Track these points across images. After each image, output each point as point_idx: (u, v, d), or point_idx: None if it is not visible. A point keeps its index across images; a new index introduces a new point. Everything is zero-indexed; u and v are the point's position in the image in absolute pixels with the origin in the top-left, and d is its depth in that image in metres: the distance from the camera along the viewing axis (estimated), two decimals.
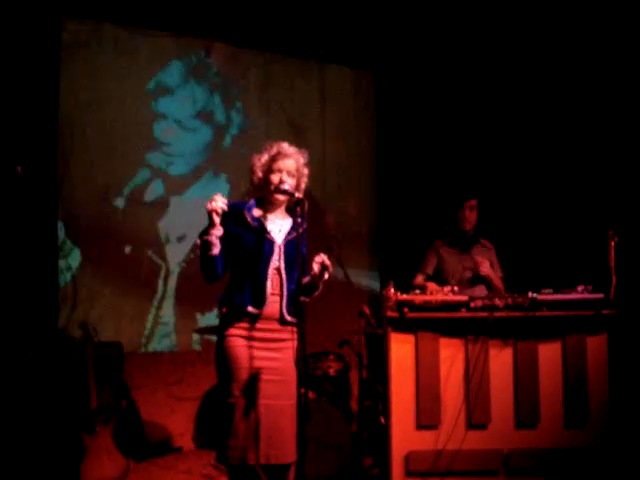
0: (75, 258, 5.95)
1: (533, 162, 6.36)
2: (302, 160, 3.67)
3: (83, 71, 6.06)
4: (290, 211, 3.69)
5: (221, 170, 6.67)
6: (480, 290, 5.02)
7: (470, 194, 5.18)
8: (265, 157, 3.63)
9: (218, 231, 3.43)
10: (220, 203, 3.38)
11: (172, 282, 6.38)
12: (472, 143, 6.83)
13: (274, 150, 3.62)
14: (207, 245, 3.43)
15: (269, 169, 3.60)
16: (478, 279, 5.07)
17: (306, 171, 3.69)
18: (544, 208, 6.18)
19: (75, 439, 4.79)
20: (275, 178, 3.57)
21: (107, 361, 5.53)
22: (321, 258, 3.49)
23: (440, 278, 5.11)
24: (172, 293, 6.37)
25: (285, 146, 3.64)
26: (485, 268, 5.01)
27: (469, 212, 5.13)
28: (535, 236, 6.16)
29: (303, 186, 3.68)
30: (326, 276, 3.53)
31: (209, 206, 3.38)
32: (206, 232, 3.43)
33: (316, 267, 3.49)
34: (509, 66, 6.59)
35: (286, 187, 3.53)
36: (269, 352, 3.48)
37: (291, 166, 3.61)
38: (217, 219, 3.40)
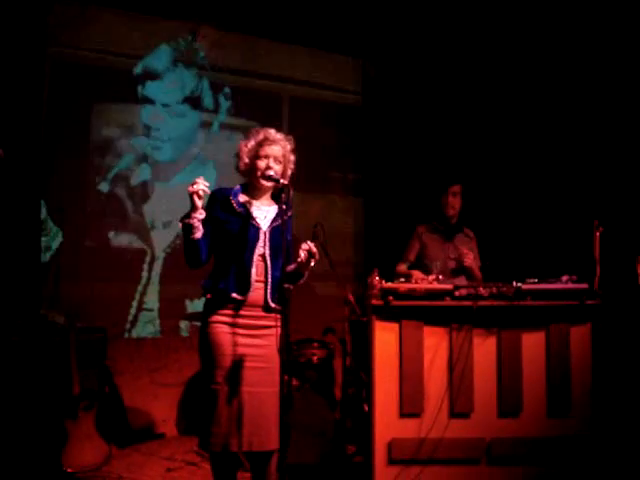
0: (57, 242, 5.90)
1: (519, 151, 6.36)
2: (289, 146, 3.65)
3: (69, 54, 5.99)
4: (275, 198, 3.67)
5: (209, 156, 6.63)
6: (460, 280, 5.02)
7: (454, 179, 5.18)
8: (251, 143, 3.61)
9: (200, 214, 3.40)
10: (202, 186, 3.35)
11: (157, 268, 6.35)
12: (458, 130, 6.82)
13: (260, 136, 3.60)
14: (189, 228, 3.40)
15: (255, 155, 3.58)
16: (460, 270, 5.07)
17: (292, 157, 3.67)
18: (530, 197, 6.19)
19: (57, 425, 4.77)
20: (261, 164, 3.56)
21: (90, 346, 5.49)
22: (308, 246, 3.47)
23: (422, 264, 5.12)
24: (157, 279, 6.34)
25: (272, 132, 3.63)
26: (469, 259, 5.02)
27: (452, 197, 5.13)
28: (520, 225, 6.17)
29: (289, 172, 3.67)
30: (312, 264, 3.52)
31: (191, 189, 3.35)
32: (188, 216, 3.40)
33: (303, 254, 3.47)
34: (495, 53, 6.59)
35: (271, 173, 3.51)
36: (253, 339, 3.47)
37: (277, 152, 3.59)
38: (199, 202, 3.37)
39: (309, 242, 3.49)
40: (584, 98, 5.90)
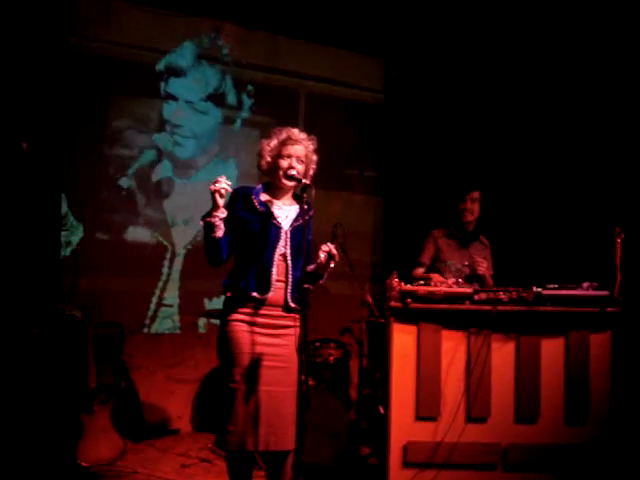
0: (77, 236, 5.92)
1: (541, 157, 6.32)
2: (311, 146, 3.64)
3: (92, 47, 6.00)
4: (297, 197, 3.67)
5: (230, 154, 6.63)
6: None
7: (474, 185, 5.15)
8: (274, 142, 3.60)
9: (222, 213, 3.40)
10: (223, 184, 3.34)
11: (178, 264, 6.36)
12: (479, 134, 6.79)
13: (283, 135, 3.60)
14: (210, 227, 3.40)
15: (278, 154, 3.57)
16: (473, 277, 5.05)
17: (315, 158, 3.67)
18: (552, 203, 6.15)
19: (73, 418, 4.78)
20: (284, 163, 3.55)
21: (107, 341, 5.53)
22: (328, 247, 3.46)
23: (436, 268, 5.10)
24: (177, 276, 6.35)
25: (295, 132, 3.62)
26: (483, 268, 4.98)
27: (471, 203, 5.10)
28: (542, 231, 6.12)
29: (311, 172, 3.66)
30: (332, 265, 3.51)
31: (212, 187, 3.35)
32: (209, 214, 3.40)
33: (322, 256, 3.46)
34: (516, 60, 6.54)
35: (294, 173, 3.50)
36: (271, 338, 3.47)
37: (300, 152, 3.58)
38: (220, 200, 3.37)
39: (329, 244, 3.48)
40: (606, 105, 5.85)
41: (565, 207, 6.03)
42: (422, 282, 4.44)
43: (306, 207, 3.42)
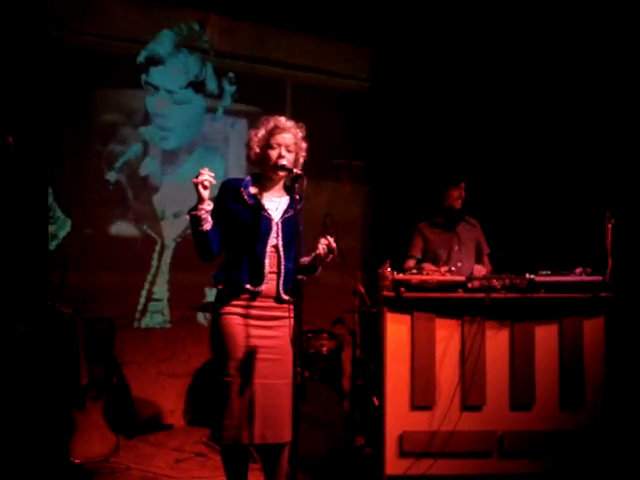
0: (65, 231, 5.86)
1: (531, 143, 6.30)
2: (300, 134, 3.58)
3: (76, 42, 5.92)
4: (287, 189, 3.62)
5: (216, 144, 6.58)
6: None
7: (461, 176, 5.16)
8: (262, 132, 3.55)
9: (207, 206, 3.35)
10: (206, 176, 3.30)
11: (167, 257, 6.31)
12: (468, 123, 6.76)
13: (271, 124, 3.54)
14: (197, 220, 3.35)
15: (266, 144, 3.52)
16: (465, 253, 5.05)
17: (304, 145, 3.61)
18: (543, 189, 6.14)
19: (65, 415, 4.74)
20: (273, 154, 3.50)
21: (98, 336, 5.48)
22: (327, 240, 3.43)
23: (427, 259, 5.10)
24: (167, 269, 6.31)
25: (282, 120, 3.56)
26: (478, 272, 4.97)
27: (460, 191, 5.12)
28: (533, 217, 6.12)
29: (302, 160, 3.61)
30: (329, 259, 3.48)
31: (195, 180, 3.30)
32: (195, 208, 3.36)
33: (322, 249, 3.43)
34: (503, 46, 6.52)
35: (284, 163, 3.45)
36: (265, 330, 3.43)
37: (289, 140, 3.52)
38: (205, 193, 3.32)
39: (329, 237, 3.44)
40: (597, 90, 5.84)
41: (556, 193, 6.03)
42: (415, 271, 4.43)
43: (297, 197, 3.38)
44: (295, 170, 3.41)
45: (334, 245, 3.43)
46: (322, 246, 3.43)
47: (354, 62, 7.45)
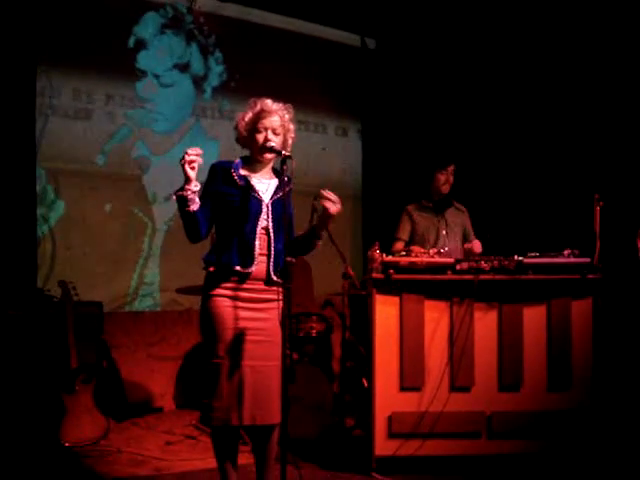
0: (55, 214, 5.83)
1: (520, 126, 6.31)
2: (287, 116, 3.56)
3: (63, 28, 5.86)
4: (276, 172, 3.62)
5: (206, 126, 6.58)
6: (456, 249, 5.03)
7: (450, 159, 5.13)
8: (249, 115, 3.53)
9: (195, 186, 3.33)
10: (193, 157, 3.28)
11: (158, 240, 6.31)
12: (459, 106, 6.76)
13: (258, 107, 3.52)
14: (183, 200, 3.33)
15: (253, 128, 3.50)
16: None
17: (292, 126, 3.59)
18: (532, 171, 6.16)
19: (55, 399, 4.75)
20: (260, 137, 3.48)
21: (87, 320, 5.47)
22: (327, 193, 3.42)
23: (415, 243, 5.10)
24: (158, 252, 6.30)
25: (269, 103, 3.54)
26: (478, 248, 4.99)
27: (449, 176, 5.10)
28: (522, 199, 6.14)
29: (290, 142, 3.59)
30: (333, 215, 3.46)
31: (182, 160, 3.29)
32: (182, 188, 3.34)
33: (326, 203, 3.41)
34: (493, 33, 6.53)
35: (272, 144, 3.45)
36: (255, 312, 3.43)
37: (276, 123, 3.50)
38: (191, 173, 3.29)
39: (327, 190, 3.43)
40: (584, 74, 5.85)
41: (545, 175, 6.05)
42: (404, 253, 4.44)
43: (286, 178, 3.37)
44: (284, 152, 3.40)
45: (334, 198, 3.43)
46: (325, 201, 3.41)
47: (344, 46, 7.43)
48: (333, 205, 3.44)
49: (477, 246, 4.97)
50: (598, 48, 5.79)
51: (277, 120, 3.51)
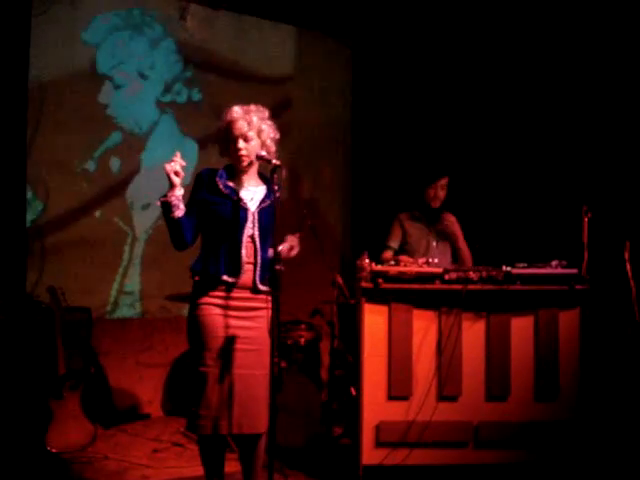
0: (43, 221, 5.81)
1: (509, 137, 6.33)
2: (256, 117, 3.51)
3: (53, 35, 5.83)
4: (263, 177, 3.62)
5: (189, 132, 6.50)
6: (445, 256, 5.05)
7: (442, 172, 5.14)
8: (222, 125, 3.54)
9: (179, 191, 3.35)
10: (177, 165, 3.30)
11: (138, 249, 6.27)
12: (447, 117, 6.77)
13: (227, 118, 3.51)
14: (167, 207, 3.35)
15: (227, 138, 3.51)
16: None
17: (264, 126, 3.54)
18: (520, 182, 6.17)
19: (42, 404, 4.73)
20: (233, 147, 3.49)
21: (75, 326, 5.46)
22: (291, 239, 3.57)
23: (405, 251, 5.10)
24: (138, 261, 6.26)
25: (233, 110, 3.51)
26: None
27: (440, 190, 5.09)
28: (510, 210, 6.15)
29: (270, 142, 3.56)
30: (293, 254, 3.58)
31: (167, 167, 3.30)
32: (166, 194, 3.35)
33: (287, 245, 3.54)
34: (481, 41, 6.53)
35: (243, 153, 3.47)
36: (243, 321, 3.44)
37: (244, 129, 3.47)
38: (176, 179, 3.32)
39: (294, 237, 3.56)
40: (573, 84, 5.88)
41: (533, 186, 6.06)
42: (392, 262, 4.46)
43: (276, 188, 3.37)
44: (274, 161, 3.40)
45: (294, 252, 3.57)
46: (287, 244, 3.52)
47: (335, 53, 7.45)
48: (292, 250, 3.57)
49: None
50: (585, 60, 5.80)
51: (244, 125, 3.48)
